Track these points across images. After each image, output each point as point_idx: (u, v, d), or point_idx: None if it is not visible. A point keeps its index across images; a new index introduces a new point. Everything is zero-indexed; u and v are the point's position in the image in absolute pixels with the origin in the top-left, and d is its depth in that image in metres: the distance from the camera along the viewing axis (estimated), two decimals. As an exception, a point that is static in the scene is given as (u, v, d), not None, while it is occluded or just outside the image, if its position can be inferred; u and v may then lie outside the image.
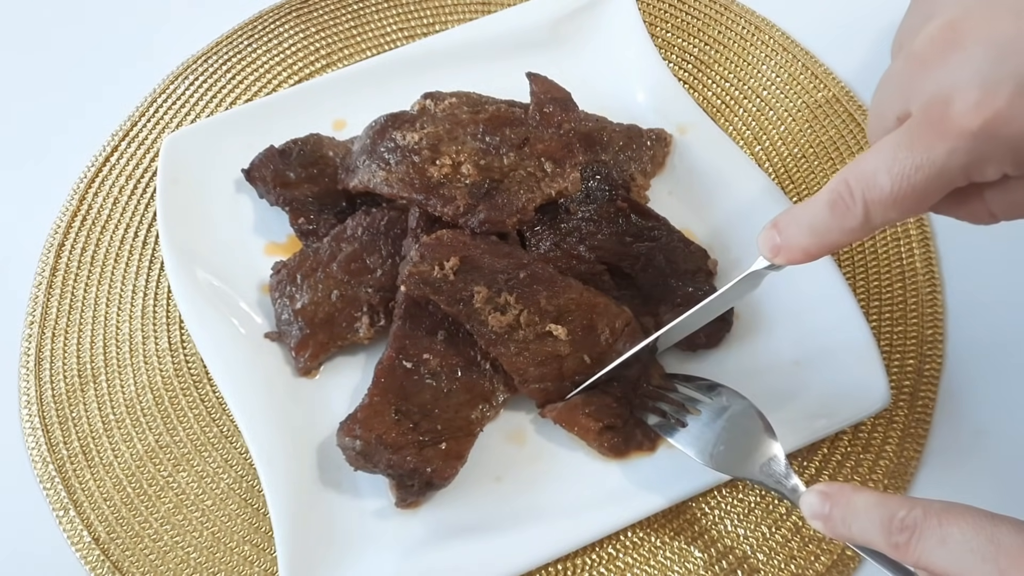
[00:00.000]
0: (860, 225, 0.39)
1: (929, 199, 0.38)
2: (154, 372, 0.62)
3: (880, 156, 0.38)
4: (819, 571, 0.54)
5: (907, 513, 0.37)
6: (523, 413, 0.58)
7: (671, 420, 0.53)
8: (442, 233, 0.55)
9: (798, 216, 0.42)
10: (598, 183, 0.62)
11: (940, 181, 0.37)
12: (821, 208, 0.40)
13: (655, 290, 0.60)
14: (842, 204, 0.39)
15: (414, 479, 0.52)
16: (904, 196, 0.37)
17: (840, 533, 0.40)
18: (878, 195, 0.38)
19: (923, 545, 0.36)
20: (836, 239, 0.41)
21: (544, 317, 0.55)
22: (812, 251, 0.42)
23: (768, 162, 0.69)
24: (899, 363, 0.60)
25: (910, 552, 0.37)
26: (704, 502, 0.56)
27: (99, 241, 0.68)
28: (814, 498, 0.41)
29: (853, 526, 0.39)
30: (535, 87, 0.62)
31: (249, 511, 0.57)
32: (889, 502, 0.38)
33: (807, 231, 0.42)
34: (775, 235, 0.44)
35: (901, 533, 0.37)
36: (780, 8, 0.76)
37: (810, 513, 0.42)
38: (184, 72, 0.76)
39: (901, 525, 0.37)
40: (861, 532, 0.39)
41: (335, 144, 0.66)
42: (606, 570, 0.55)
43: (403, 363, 0.55)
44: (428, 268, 0.54)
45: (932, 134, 0.36)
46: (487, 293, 0.54)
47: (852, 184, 0.39)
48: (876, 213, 0.38)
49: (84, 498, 0.58)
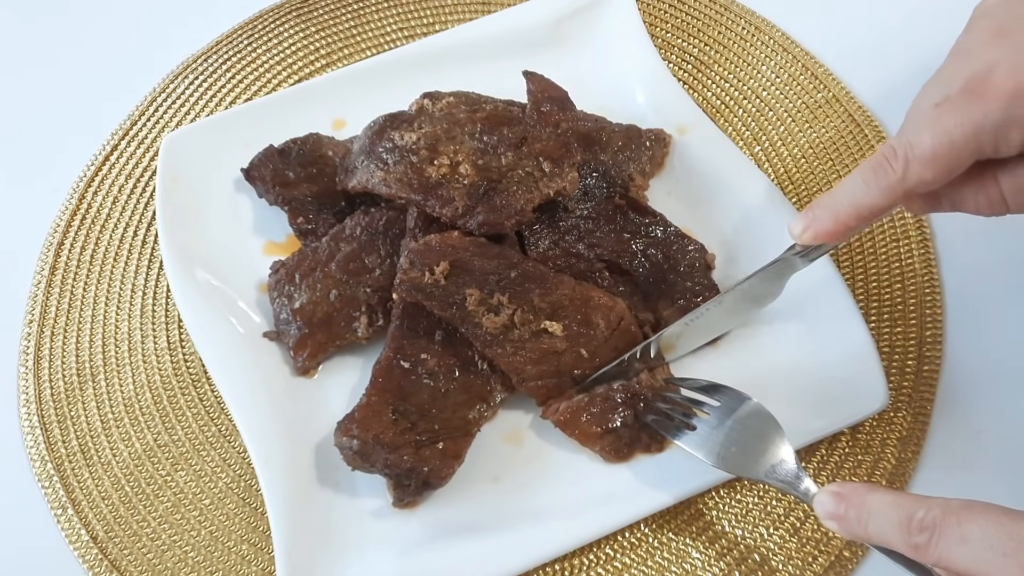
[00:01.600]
0: (897, 182, 0.42)
1: (960, 161, 0.41)
2: (153, 371, 0.62)
3: (924, 120, 0.42)
4: (817, 572, 0.54)
5: (926, 513, 0.37)
6: (521, 413, 0.58)
7: (677, 422, 0.53)
8: (431, 238, 0.55)
9: (834, 191, 0.45)
10: (596, 180, 0.62)
11: (976, 140, 0.40)
12: (864, 170, 0.44)
13: (654, 286, 0.60)
14: (884, 163, 0.43)
15: (411, 479, 0.52)
16: (942, 153, 0.41)
17: (856, 534, 0.40)
18: (919, 152, 0.41)
19: (944, 545, 0.36)
20: (871, 200, 0.44)
21: (538, 315, 0.55)
22: (843, 216, 0.45)
23: (767, 163, 0.69)
24: (898, 364, 0.60)
25: (930, 553, 0.36)
26: (702, 502, 0.56)
27: (98, 240, 0.68)
28: (827, 499, 0.41)
29: (869, 527, 0.39)
30: (532, 86, 0.62)
31: (247, 510, 0.57)
32: (906, 502, 0.38)
33: (843, 197, 0.45)
34: (807, 214, 0.46)
35: (921, 534, 0.36)
36: (780, 9, 0.75)
37: (824, 514, 0.41)
38: (184, 71, 0.76)
39: (920, 526, 0.37)
40: (878, 533, 0.39)
41: (334, 144, 0.66)
42: (604, 570, 0.55)
43: (401, 363, 0.55)
44: (419, 274, 0.54)
45: (972, 96, 0.40)
46: (479, 295, 0.54)
47: (896, 145, 0.42)
48: (914, 170, 0.42)
49: (82, 497, 0.58)
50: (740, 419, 0.51)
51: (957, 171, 0.42)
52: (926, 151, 0.41)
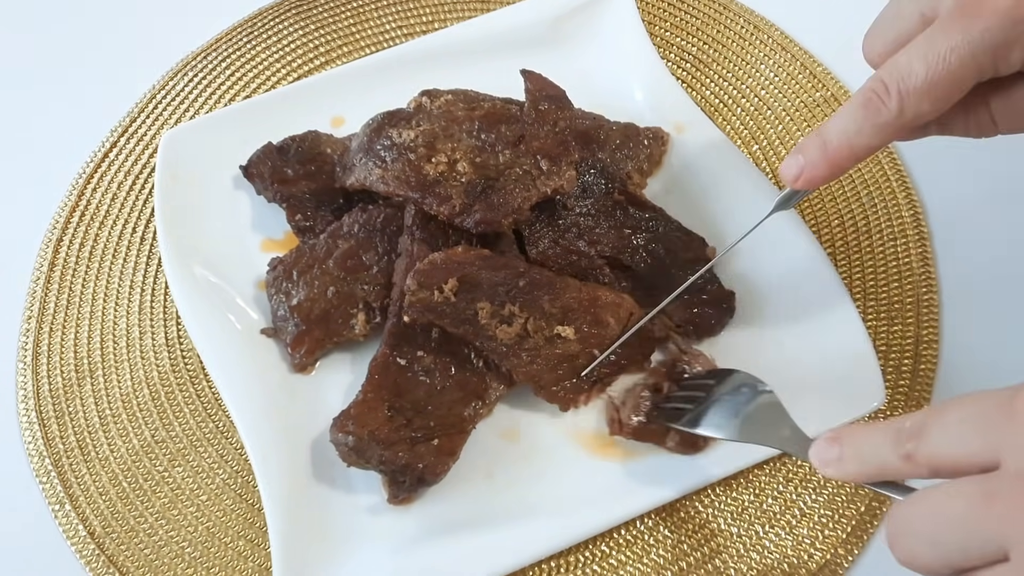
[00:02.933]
0: (893, 119, 0.39)
1: (960, 87, 0.38)
2: (151, 367, 0.62)
3: (914, 48, 0.38)
4: (812, 570, 0.54)
5: (911, 422, 0.35)
6: (516, 410, 0.58)
7: (687, 412, 0.52)
8: (435, 256, 0.54)
9: (825, 127, 0.42)
10: (594, 178, 0.62)
11: (973, 64, 0.37)
12: (853, 110, 0.40)
13: (656, 281, 0.60)
14: (876, 100, 0.39)
15: (406, 475, 0.52)
16: (939, 81, 0.38)
17: (852, 471, 0.38)
18: (913, 83, 0.38)
19: (929, 443, 0.34)
20: (866, 141, 0.40)
21: (550, 320, 0.55)
22: (838, 158, 0.42)
23: (765, 161, 0.69)
24: (895, 363, 0.60)
25: (920, 456, 0.34)
26: (697, 500, 0.56)
27: (97, 237, 0.68)
28: (822, 444, 0.39)
29: (864, 456, 0.37)
30: (529, 84, 0.62)
31: (244, 506, 0.57)
32: (895, 419, 0.36)
33: (836, 136, 0.41)
34: (798, 157, 0.43)
35: (909, 441, 0.34)
36: (779, 8, 0.75)
37: (820, 461, 0.39)
38: (183, 68, 0.76)
39: (909, 433, 0.35)
40: (873, 458, 0.37)
41: (333, 141, 0.66)
42: (599, 567, 0.55)
43: (397, 360, 0.55)
44: (428, 294, 0.53)
45: (967, 17, 0.37)
46: (490, 307, 0.54)
47: (886, 79, 0.39)
48: (910, 104, 0.38)
49: (80, 493, 0.58)
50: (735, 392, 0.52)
51: (956, 99, 0.39)
52: (921, 81, 0.38)
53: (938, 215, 0.65)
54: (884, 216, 0.65)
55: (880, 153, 0.67)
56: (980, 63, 0.38)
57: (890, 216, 0.65)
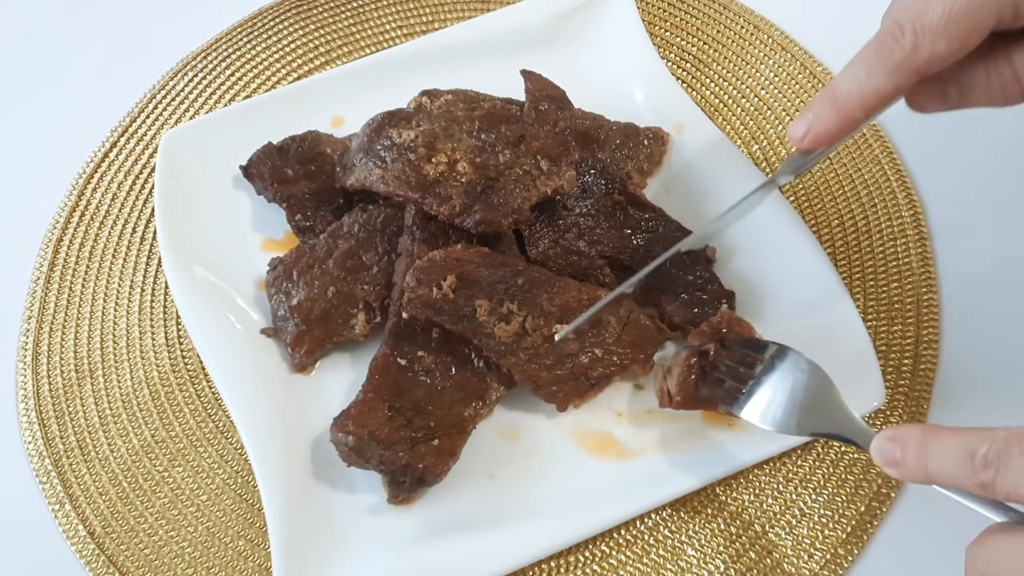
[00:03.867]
0: (906, 58, 0.37)
1: (978, 28, 0.36)
2: (151, 367, 0.62)
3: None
4: (813, 570, 0.54)
5: (989, 447, 0.33)
6: (517, 411, 0.58)
7: (732, 388, 0.51)
8: (434, 254, 0.55)
9: (835, 79, 0.40)
10: (594, 178, 0.62)
11: (992, 3, 0.36)
12: (865, 54, 0.39)
13: (656, 281, 0.60)
14: (889, 40, 0.38)
15: (406, 475, 0.52)
16: (958, 17, 0.36)
17: (917, 478, 0.37)
18: (929, 20, 0.37)
19: (1009, 478, 0.33)
20: (877, 84, 0.39)
21: (549, 319, 0.55)
22: (847, 107, 0.40)
23: (765, 161, 0.69)
24: (895, 363, 0.60)
25: (998, 489, 0.33)
26: (697, 500, 0.56)
27: (97, 237, 0.68)
28: (884, 444, 0.38)
29: (931, 468, 0.36)
30: (529, 85, 0.62)
31: (244, 506, 0.57)
32: (967, 438, 0.35)
33: (845, 83, 0.39)
34: (807, 114, 0.41)
35: (986, 470, 0.33)
36: (779, 7, 0.75)
37: (882, 460, 0.38)
38: (183, 68, 0.76)
39: (984, 462, 0.33)
40: (941, 474, 0.35)
41: (333, 141, 0.66)
42: (599, 567, 0.55)
43: (397, 360, 0.55)
44: (427, 291, 0.54)
45: None
46: (489, 305, 0.54)
47: (901, 18, 0.37)
48: (924, 43, 0.37)
49: (80, 492, 0.58)
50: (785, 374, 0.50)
51: (974, 40, 0.37)
52: (937, 18, 0.36)
53: (938, 215, 0.65)
54: (884, 216, 0.65)
55: (880, 153, 0.67)
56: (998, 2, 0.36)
57: (890, 216, 0.65)
